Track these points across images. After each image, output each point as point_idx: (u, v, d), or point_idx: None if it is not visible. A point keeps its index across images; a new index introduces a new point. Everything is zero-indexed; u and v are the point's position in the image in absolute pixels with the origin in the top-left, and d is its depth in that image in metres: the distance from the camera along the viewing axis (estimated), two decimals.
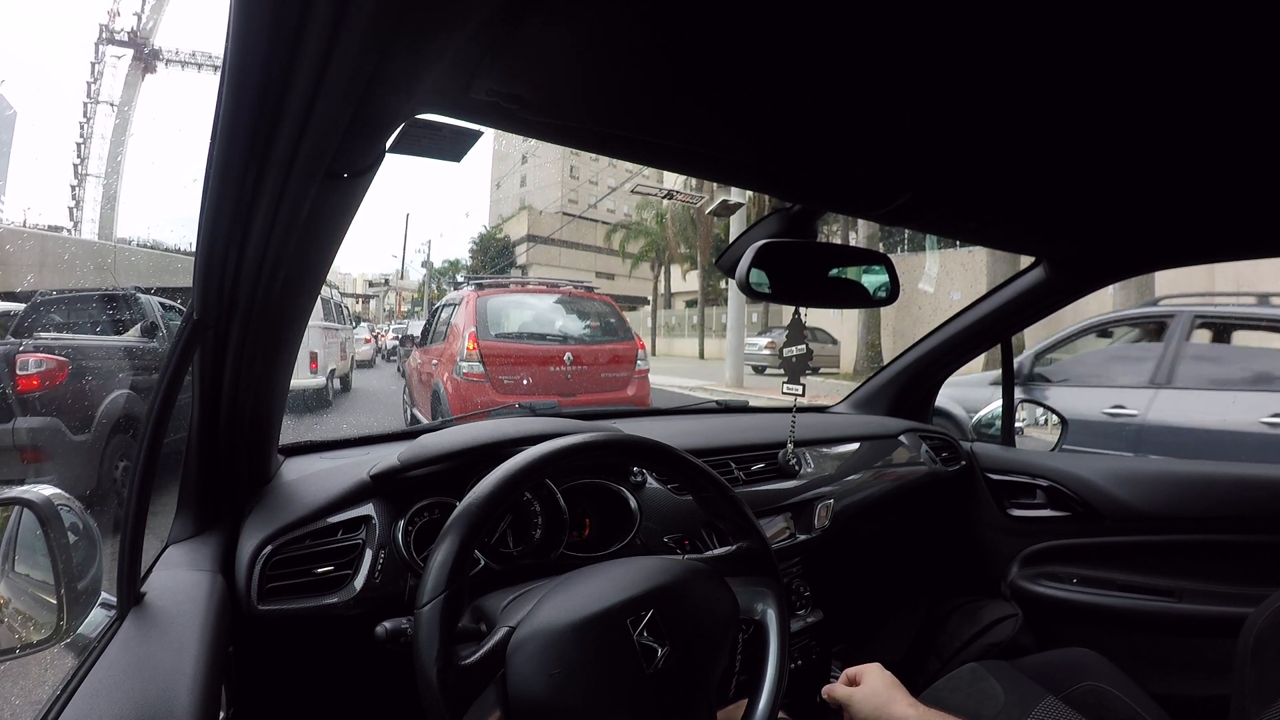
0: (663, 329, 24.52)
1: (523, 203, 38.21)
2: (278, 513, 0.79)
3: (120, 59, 28.72)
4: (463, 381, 4.45)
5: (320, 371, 7.43)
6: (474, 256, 33.47)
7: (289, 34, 0.37)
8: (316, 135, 0.46)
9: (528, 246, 31.86)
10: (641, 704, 0.56)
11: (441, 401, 4.64)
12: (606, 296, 5.60)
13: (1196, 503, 1.30)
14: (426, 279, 32.20)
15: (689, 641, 0.60)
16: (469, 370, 4.45)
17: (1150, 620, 1.28)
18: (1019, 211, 0.98)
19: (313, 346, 7.26)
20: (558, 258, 31.68)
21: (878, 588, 1.53)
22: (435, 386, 4.83)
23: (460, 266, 35.33)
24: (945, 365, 1.67)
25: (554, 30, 0.46)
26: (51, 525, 0.57)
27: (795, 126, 0.65)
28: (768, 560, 0.75)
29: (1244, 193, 0.87)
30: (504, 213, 40.43)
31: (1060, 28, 0.49)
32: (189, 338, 0.62)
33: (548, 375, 4.76)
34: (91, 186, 28.69)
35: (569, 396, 4.63)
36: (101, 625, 0.60)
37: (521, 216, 34.64)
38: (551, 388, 4.72)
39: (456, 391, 4.47)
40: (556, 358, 4.83)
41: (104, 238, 24.15)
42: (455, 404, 4.46)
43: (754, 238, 0.91)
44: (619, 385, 5.05)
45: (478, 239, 34.32)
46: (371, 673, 0.78)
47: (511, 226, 35.22)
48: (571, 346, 4.99)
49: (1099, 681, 0.92)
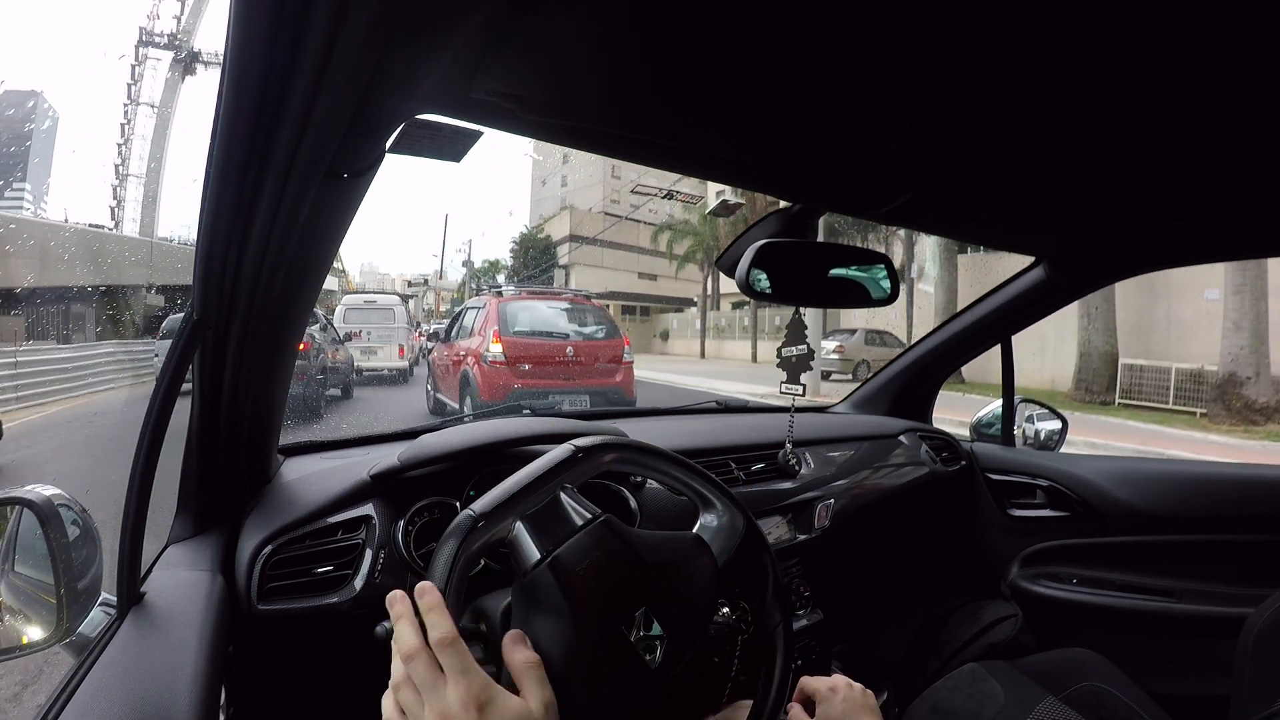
0: (712, 330, 23.75)
1: (564, 202, 37.50)
2: (278, 513, 0.79)
3: (160, 61, 29.38)
4: (489, 368, 5.90)
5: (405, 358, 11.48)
6: (515, 256, 33.27)
7: (289, 34, 0.37)
8: (316, 135, 0.46)
9: (570, 247, 31.32)
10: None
11: (470, 384, 6.06)
12: (599, 303, 7.15)
13: (1196, 503, 1.30)
14: (466, 279, 32.21)
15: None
16: (493, 359, 5.88)
17: (1150, 620, 1.28)
18: (1019, 211, 0.98)
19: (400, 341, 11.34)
20: (600, 258, 30.99)
21: (878, 588, 1.53)
22: (464, 373, 6.25)
23: (500, 266, 35.23)
24: (945, 365, 1.67)
25: (553, 30, 0.46)
26: (51, 525, 0.57)
27: (795, 126, 0.65)
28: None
29: (1244, 193, 0.87)
30: (545, 212, 39.81)
31: (1060, 27, 0.49)
32: (189, 338, 0.62)
33: (554, 364, 6.16)
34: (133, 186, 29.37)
35: (569, 380, 6.15)
36: (101, 625, 0.60)
37: (563, 216, 34.04)
38: (557, 374, 6.13)
39: (484, 375, 5.93)
40: (561, 350, 6.27)
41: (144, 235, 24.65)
42: (483, 385, 5.89)
43: (754, 238, 0.91)
44: (610, 374, 6.43)
45: (518, 238, 34.01)
46: (371, 673, 0.78)
47: (553, 226, 34.68)
48: (572, 342, 6.43)
49: (1099, 681, 0.92)
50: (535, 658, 0.48)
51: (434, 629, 0.45)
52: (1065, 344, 10.56)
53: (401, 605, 0.47)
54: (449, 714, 0.42)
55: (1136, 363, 9.65)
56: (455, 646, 0.45)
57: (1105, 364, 9.74)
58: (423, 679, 0.44)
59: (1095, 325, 9.75)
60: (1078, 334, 9.96)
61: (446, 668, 0.44)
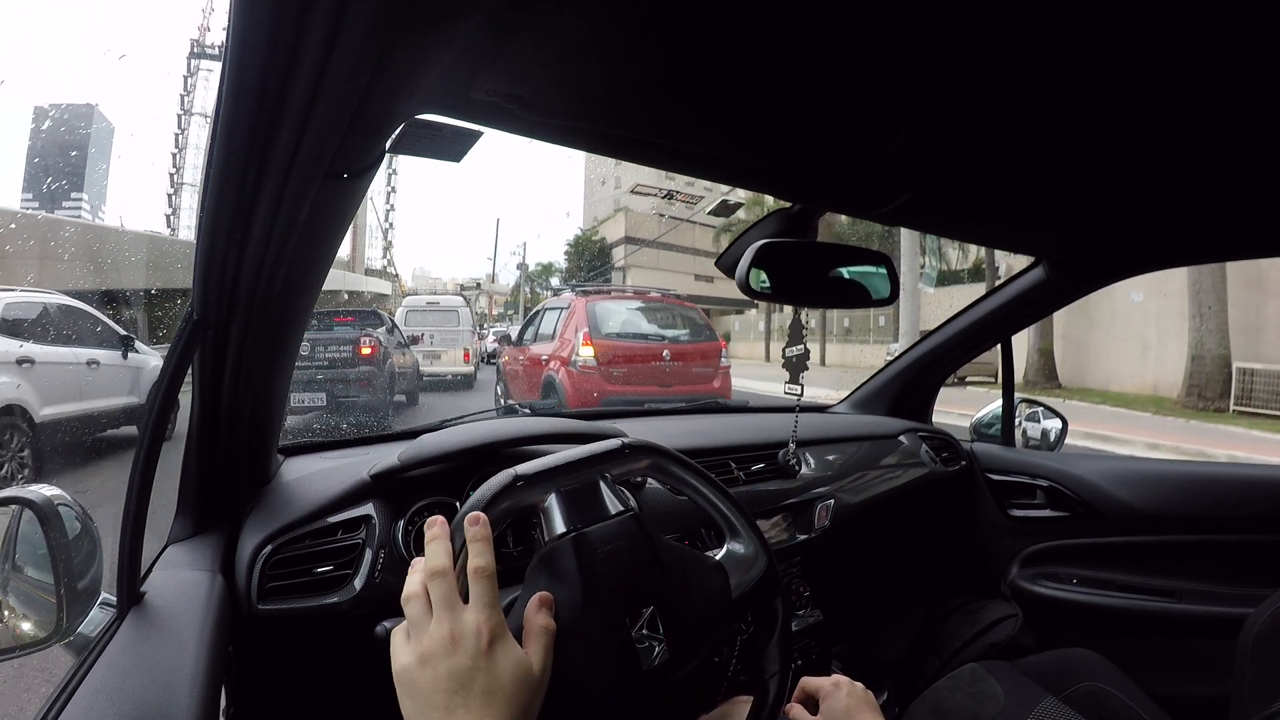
0: (776, 332, 22.78)
1: (618, 204, 36.99)
2: (278, 512, 0.79)
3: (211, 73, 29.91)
4: (578, 374, 5.41)
5: (470, 362, 10.88)
6: (569, 259, 33.09)
7: (289, 34, 0.37)
8: (316, 135, 0.46)
9: (626, 249, 30.94)
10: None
11: (557, 390, 5.58)
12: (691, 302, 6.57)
13: (1196, 503, 1.30)
14: (521, 281, 32.12)
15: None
16: (584, 363, 5.40)
17: (1150, 620, 1.28)
18: (1019, 211, 0.98)
19: (465, 344, 10.84)
20: (657, 260, 30.50)
21: (878, 588, 1.53)
22: (548, 378, 5.76)
23: (554, 269, 35.05)
24: (945, 365, 1.67)
25: (553, 30, 0.46)
26: (51, 525, 0.57)
27: (795, 126, 0.65)
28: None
29: (1244, 193, 0.87)
30: (599, 214, 39.22)
31: (1060, 28, 0.49)
32: (189, 338, 0.62)
33: (649, 369, 5.66)
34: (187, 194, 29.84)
35: (666, 387, 5.63)
36: (101, 625, 0.60)
37: (618, 218, 33.59)
38: (652, 380, 5.63)
39: (572, 381, 5.44)
40: (657, 354, 5.76)
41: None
42: (571, 393, 5.40)
43: (754, 238, 0.91)
44: (706, 379, 5.89)
45: (573, 241, 33.77)
46: (371, 672, 0.78)
47: (608, 228, 34.28)
48: (668, 345, 5.93)
49: (1099, 681, 0.92)
50: (553, 625, 0.49)
51: (476, 557, 0.46)
52: (1168, 347, 9.94)
53: (440, 528, 0.48)
54: (459, 635, 0.43)
55: (1250, 366, 8.82)
56: (491, 580, 0.46)
57: (1219, 368, 8.91)
58: (442, 598, 0.45)
59: (1207, 326, 8.90)
60: (1188, 336, 9.18)
61: (474, 596, 0.45)
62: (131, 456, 0.72)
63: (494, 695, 0.43)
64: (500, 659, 0.44)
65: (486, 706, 0.42)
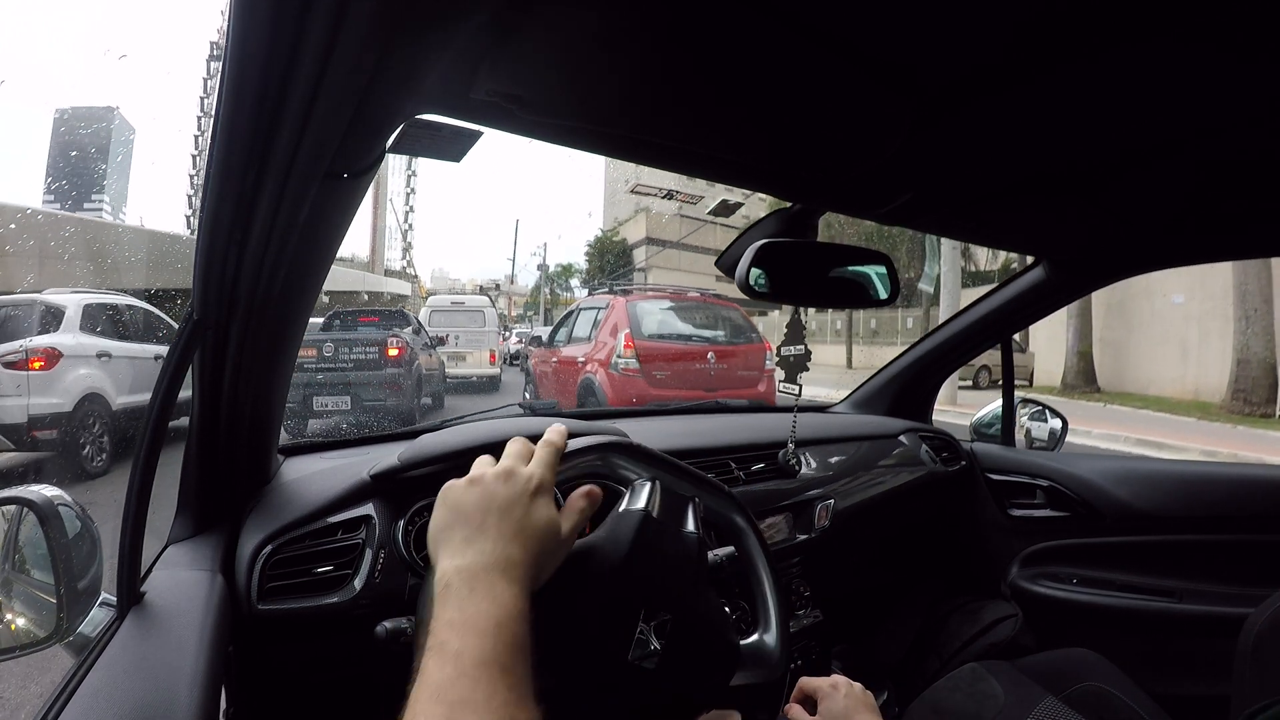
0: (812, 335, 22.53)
1: (639, 204, 37.11)
2: (278, 512, 0.79)
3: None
4: (619, 376, 5.11)
5: (496, 364, 10.81)
6: (589, 260, 32.87)
7: (289, 34, 0.37)
8: (316, 135, 0.46)
9: (648, 250, 30.58)
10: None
11: (596, 393, 5.28)
12: (734, 303, 6.21)
13: (1196, 503, 1.30)
14: (541, 282, 32.04)
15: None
16: (625, 366, 5.09)
17: (1150, 620, 1.28)
18: (1019, 211, 0.98)
19: (490, 345, 10.75)
20: (678, 261, 29.87)
21: (878, 588, 1.53)
22: (586, 381, 5.47)
23: (574, 270, 34.89)
24: (945, 365, 1.67)
25: (553, 30, 0.46)
26: (51, 525, 0.57)
27: (795, 126, 0.65)
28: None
29: (1244, 193, 0.87)
30: (619, 214, 38.63)
31: (1060, 28, 0.49)
32: (189, 338, 0.62)
33: (693, 371, 5.35)
34: None
35: (711, 391, 5.18)
36: (101, 625, 0.60)
37: (639, 219, 33.09)
38: (697, 383, 5.28)
39: (613, 384, 5.15)
40: (701, 356, 5.45)
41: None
42: (611, 395, 5.11)
43: (753, 237, 0.91)
44: (751, 383, 5.55)
45: (593, 242, 33.45)
46: (372, 673, 0.78)
47: (629, 229, 33.89)
48: (713, 346, 5.62)
49: (1099, 681, 0.92)
50: (589, 510, 0.54)
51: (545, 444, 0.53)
52: (1209, 350, 9.63)
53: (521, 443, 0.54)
54: (513, 474, 0.50)
55: None
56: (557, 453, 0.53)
57: (1265, 372, 8.61)
58: (514, 451, 0.52)
59: (1254, 329, 8.63)
60: (1233, 339, 8.86)
61: (537, 458, 0.52)
62: (184, 446, 0.74)
63: (522, 531, 0.47)
64: (539, 507, 0.49)
65: (513, 535, 0.47)
